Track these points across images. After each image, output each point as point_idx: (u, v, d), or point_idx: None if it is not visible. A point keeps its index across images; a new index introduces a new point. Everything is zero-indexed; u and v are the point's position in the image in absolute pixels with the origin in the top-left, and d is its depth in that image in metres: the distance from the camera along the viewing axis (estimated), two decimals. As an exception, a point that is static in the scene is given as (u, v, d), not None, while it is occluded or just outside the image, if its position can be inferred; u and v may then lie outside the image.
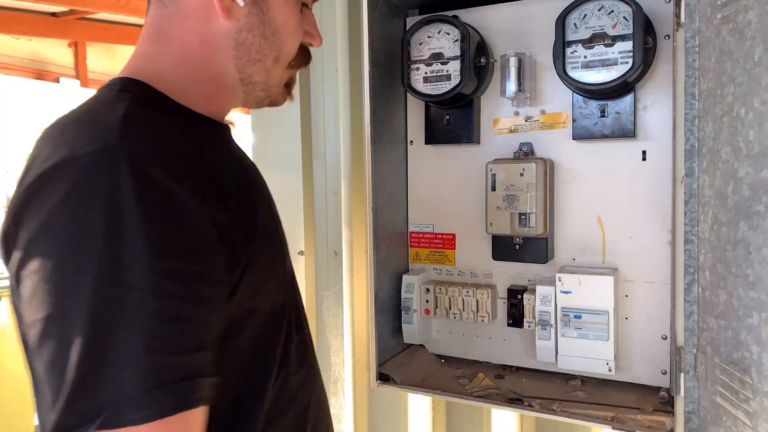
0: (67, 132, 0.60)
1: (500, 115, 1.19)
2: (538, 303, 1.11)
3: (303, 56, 0.78)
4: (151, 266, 0.54)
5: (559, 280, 1.08)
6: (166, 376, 0.53)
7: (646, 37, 1.00)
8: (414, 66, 1.16)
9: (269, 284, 0.72)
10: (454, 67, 1.12)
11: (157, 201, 0.55)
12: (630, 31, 0.98)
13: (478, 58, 1.14)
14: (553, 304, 1.09)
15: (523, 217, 1.10)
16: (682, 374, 0.92)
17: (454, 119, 1.19)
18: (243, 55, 0.70)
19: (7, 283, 0.62)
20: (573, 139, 1.10)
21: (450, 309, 1.21)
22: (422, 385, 1.17)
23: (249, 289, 0.66)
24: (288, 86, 0.79)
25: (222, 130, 0.75)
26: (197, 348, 0.56)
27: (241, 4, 0.67)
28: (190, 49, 0.68)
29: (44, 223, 0.54)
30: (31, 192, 0.56)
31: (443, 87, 1.13)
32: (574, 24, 1.02)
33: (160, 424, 0.52)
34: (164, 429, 0.52)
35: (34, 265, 0.54)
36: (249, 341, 0.69)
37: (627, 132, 1.06)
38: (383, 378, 1.18)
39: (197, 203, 0.58)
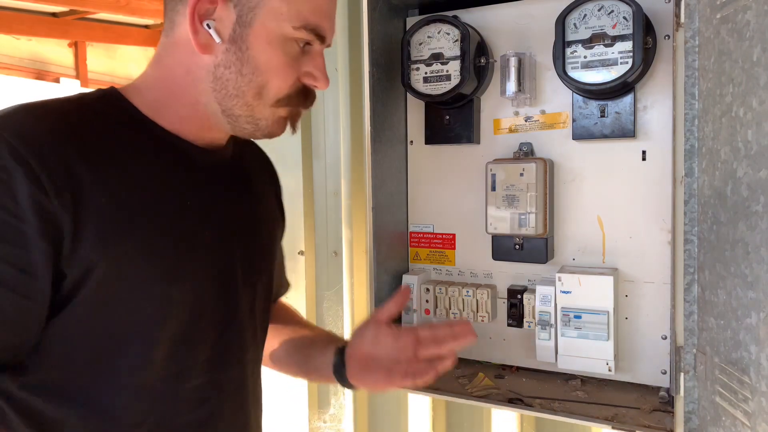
0: None
1: (500, 115, 1.19)
2: (538, 303, 1.11)
3: (303, 96, 0.76)
4: None
5: (559, 280, 1.08)
6: None
7: (646, 37, 1.00)
8: (414, 66, 1.16)
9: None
10: (454, 67, 1.12)
11: None
12: (630, 31, 0.98)
13: (478, 58, 1.14)
14: (553, 304, 1.09)
15: (523, 217, 1.10)
16: (682, 374, 0.92)
17: (454, 119, 1.19)
18: (221, 88, 0.72)
19: None
20: (573, 139, 1.10)
21: (450, 309, 1.22)
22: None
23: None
24: (290, 120, 0.78)
25: (173, 146, 0.75)
26: None
27: (218, 41, 0.70)
28: (174, 76, 0.74)
29: None
30: None
31: (443, 87, 1.13)
32: (574, 24, 1.02)
33: None
34: None
35: None
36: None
37: (627, 132, 1.06)
38: (383, 378, 1.18)
39: (30, 188, 0.60)
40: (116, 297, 0.67)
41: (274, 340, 0.98)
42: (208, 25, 0.70)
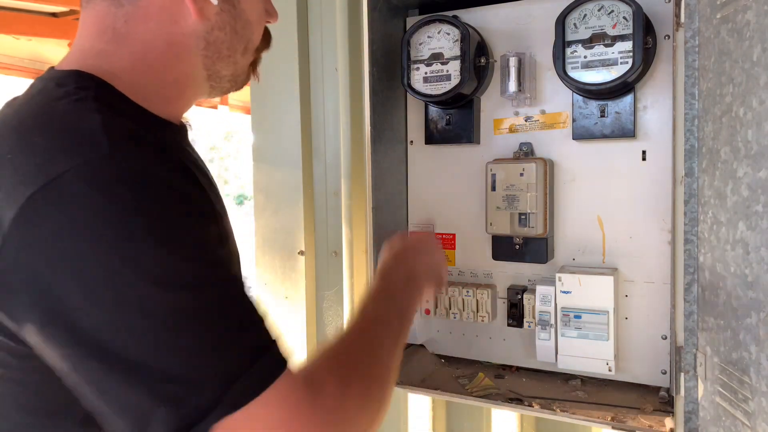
0: (32, 137, 0.54)
1: (500, 115, 1.19)
2: (538, 303, 1.11)
3: (265, 39, 0.74)
4: (203, 259, 0.54)
5: (559, 280, 1.08)
6: (263, 342, 0.55)
7: (646, 37, 1.00)
8: (414, 66, 1.16)
9: None
10: (454, 67, 1.12)
11: (171, 198, 0.54)
12: (630, 31, 0.98)
13: (478, 58, 1.14)
14: (553, 304, 1.09)
15: (523, 217, 1.10)
16: (682, 374, 0.92)
17: (454, 119, 1.20)
18: (213, 53, 0.68)
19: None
20: (573, 139, 1.10)
21: (450, 309, 1.21)
22: (422, 385, 1.17)
23: None
24: (253, 66, 0.75)
25: (180, 132, 0.72)
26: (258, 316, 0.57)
27: (215, 2, 0.66)
28: (153, 51, 0.65)
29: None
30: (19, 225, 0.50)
31: (443, 87, 1.13)
32: (574, 24, 1.02)
33: (275, 387, 0.52)
34: (281, 390, 0.52)
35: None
36: None
37: (627, 132, 1.06)
38: (383, 378, 1.18)
39: (202, 194, 0.59)
40: None
41: None
42: None
